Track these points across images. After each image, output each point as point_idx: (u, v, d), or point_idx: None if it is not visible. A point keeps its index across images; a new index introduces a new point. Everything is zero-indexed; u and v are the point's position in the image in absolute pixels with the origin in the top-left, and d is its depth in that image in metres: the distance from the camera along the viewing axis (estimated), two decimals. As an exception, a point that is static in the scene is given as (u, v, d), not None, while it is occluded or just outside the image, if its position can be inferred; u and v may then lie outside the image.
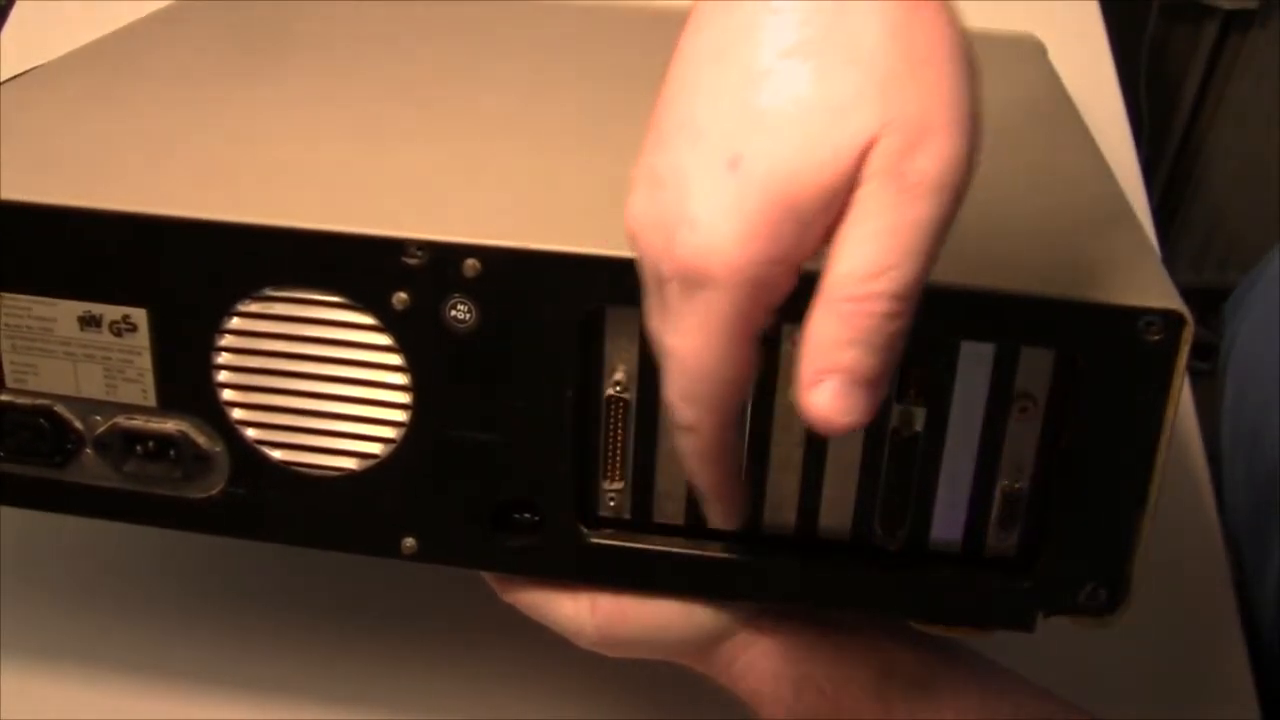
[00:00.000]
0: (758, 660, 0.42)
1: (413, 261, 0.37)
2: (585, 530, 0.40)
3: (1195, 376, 0.65)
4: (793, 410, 0.39)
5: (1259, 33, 1.45)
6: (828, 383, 0.29)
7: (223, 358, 0.40)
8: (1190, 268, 1.60)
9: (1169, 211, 1.60)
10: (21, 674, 0.52)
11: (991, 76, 0.56)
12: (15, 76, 0.52)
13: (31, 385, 0.41)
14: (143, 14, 0.60)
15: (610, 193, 0.42)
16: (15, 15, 0.85)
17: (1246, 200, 1.57)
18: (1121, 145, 0.79)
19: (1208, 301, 1.13)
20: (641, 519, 0.41)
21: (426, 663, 0.53)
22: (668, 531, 0.41)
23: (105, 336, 0.40)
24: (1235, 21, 1.46)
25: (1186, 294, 0.35)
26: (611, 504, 0.40)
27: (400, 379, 0.39)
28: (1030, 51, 0.62)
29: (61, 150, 0.43)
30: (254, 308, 0.39)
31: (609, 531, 0.41)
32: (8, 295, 0.40)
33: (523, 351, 0.38)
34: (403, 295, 0.38)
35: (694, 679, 0.44)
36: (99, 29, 0.57)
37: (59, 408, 0.41)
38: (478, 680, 0.53)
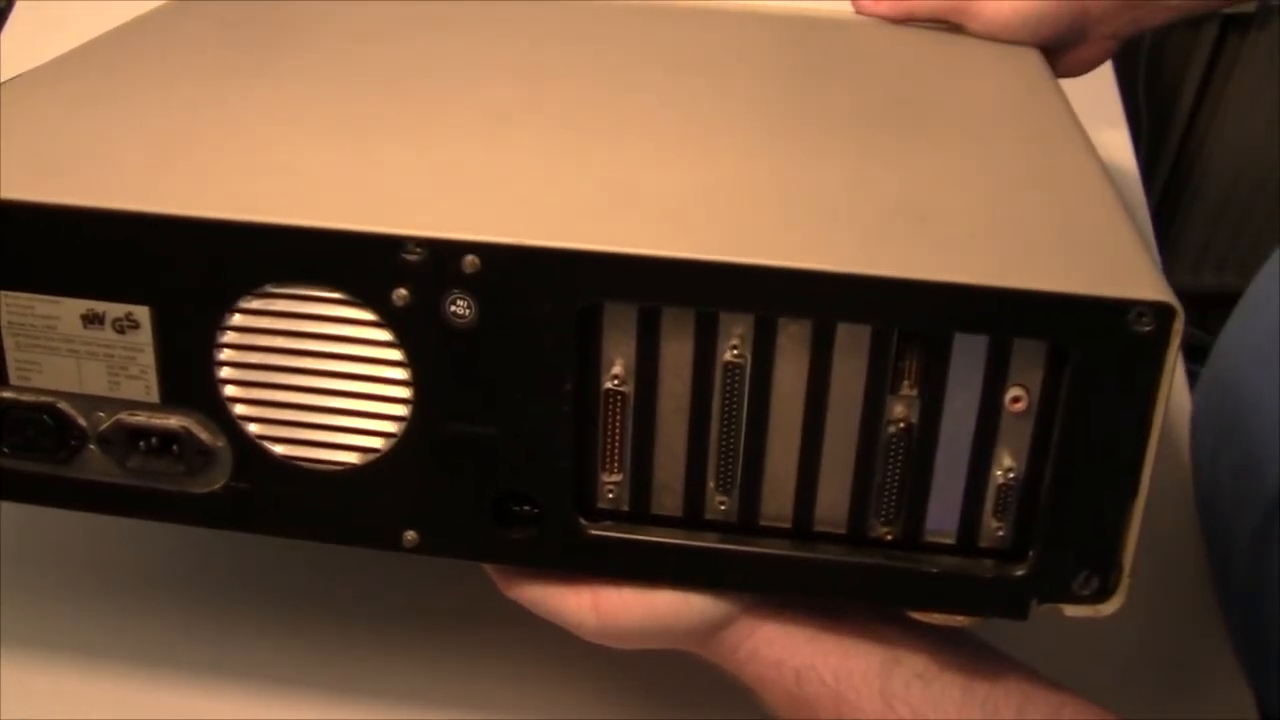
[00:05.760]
0: (761, 647, 0.42)
1: (412, 258, 0.38)
2: (584, 522, 0.41)
3: (1189, 379, 0.66)
4: (789, 401, 0.39)
5: (1257, 34, 1.45)
6: None
7: (225, 354, 0.40)
8: (1189, 271, 1.60)
9: (1167, 214, 1.60)
10: (21, 670, 0.52)
11: (987, 76, 0.57)
12: (16, 77, 0.52)
13: (35, 382, 0.41)
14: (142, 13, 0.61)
15: (607, 188, 0.42)
16: (15, 15, 0.86)
17: (1245, 203, 1.57)
18: (1121, 148, 0.80)
19: (1206, 304, 1.14)
20: (640, 511, 0.41)
21: (429, 657, 0.54)
22: (666, 523, 0.41)
23: (108, 334, 0.40)
24: (1233, 24, 1.46)
25: (1184, 297, 0.36)
26: (610, 496, 0.41)
27: (400, 374, 0.39)
28: (1026, 52, 0.62)
29: (63, 149, 0.44)
30: (255, 304, 0.39)
31: (608, 523, 0.41)
32: (11, 294, 0.40)
33: (521, 346, 0.38)
34: (403, 291, 0.38)
35: (700, 673, 0.44)
36: (99, 29, 0.57)
37: (62, 404, 0.42)
38: (483, 674, 0.53)
